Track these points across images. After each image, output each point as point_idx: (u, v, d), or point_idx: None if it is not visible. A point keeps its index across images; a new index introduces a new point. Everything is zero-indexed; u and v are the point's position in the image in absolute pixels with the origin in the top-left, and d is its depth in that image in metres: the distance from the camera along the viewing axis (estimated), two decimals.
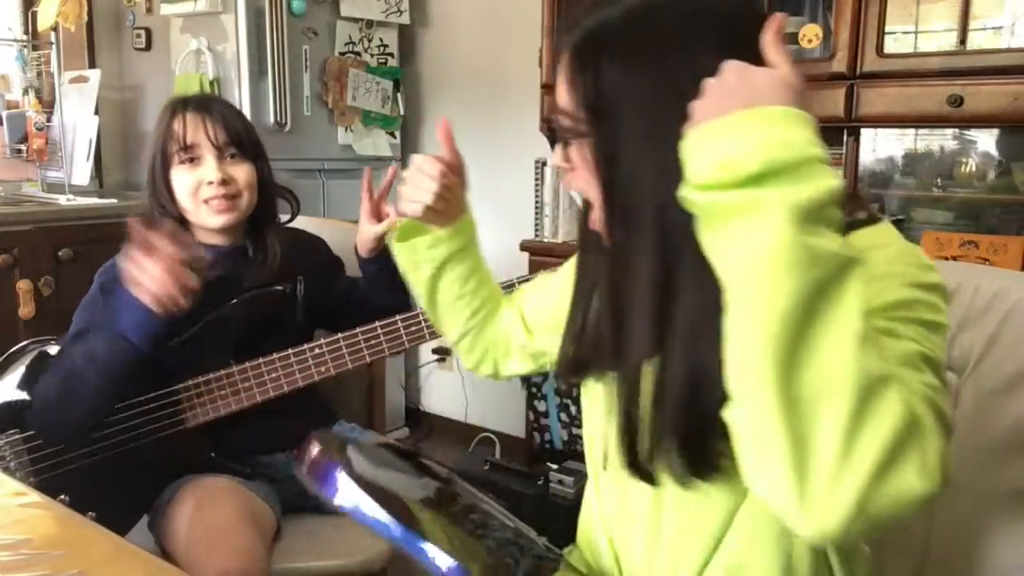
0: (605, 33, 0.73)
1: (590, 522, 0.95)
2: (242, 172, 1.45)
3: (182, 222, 1.46)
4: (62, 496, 1.35)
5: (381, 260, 1.52)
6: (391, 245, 1.10)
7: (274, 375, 1.45)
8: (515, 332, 1.07)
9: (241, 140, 1.46)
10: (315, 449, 0.93)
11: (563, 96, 0.77)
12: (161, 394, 1.41)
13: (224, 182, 1.42)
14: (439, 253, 1.04)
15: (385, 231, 1.50)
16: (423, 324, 1.48)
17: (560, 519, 1.00)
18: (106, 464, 1.37)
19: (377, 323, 1.46)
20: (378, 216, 1.53)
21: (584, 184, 0.78)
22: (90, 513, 1.35)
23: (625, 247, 0.75)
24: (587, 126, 0.75)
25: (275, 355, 1.45)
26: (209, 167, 1.42)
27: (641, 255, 0.73)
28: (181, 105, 1.45)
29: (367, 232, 1.52)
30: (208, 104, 1.47)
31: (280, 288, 1.50)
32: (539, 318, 1.04)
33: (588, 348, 0.86)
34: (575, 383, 0.90)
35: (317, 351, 1.46)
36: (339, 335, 1.47)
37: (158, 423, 1.40)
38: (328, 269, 1.62)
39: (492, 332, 1.09)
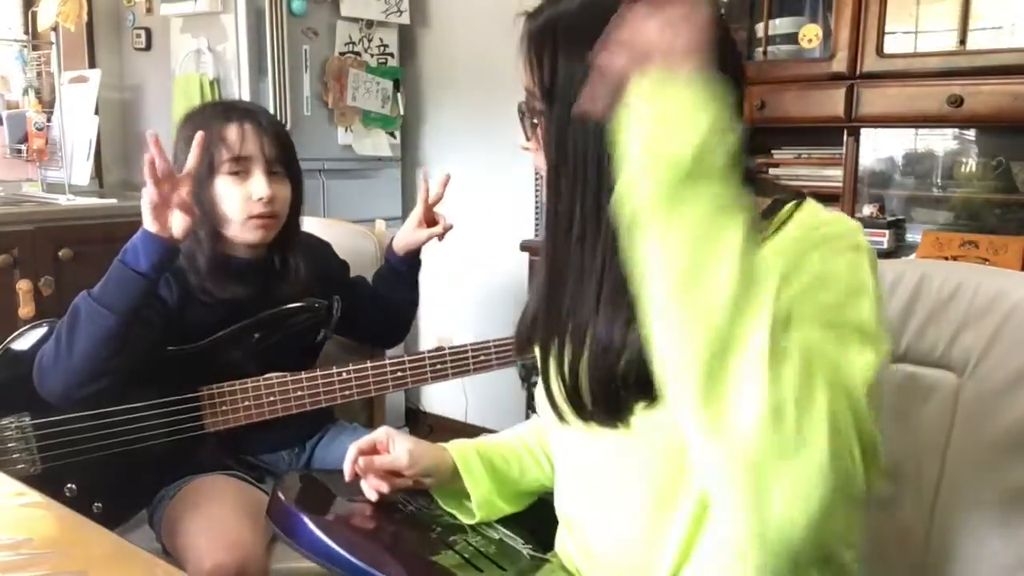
0: (561, 21, 0.80)
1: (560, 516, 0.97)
2: (284, 191, 1.44)
3: (215, 232, 1.43)
4: (69, 485, 1.36)
5: (413, 259, 1.60)
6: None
7: (299, 392, 1.45)
8: None
9: (289, 157, 1.45)
10: (280, 497, 0.94)
11: (525, 77, 0.84)
12: (184, 398, 1.41)
13: (271, 199, 1.40)
14: (480, 494, 1.04)
15: (438, 234, 1.57)
16: (447, 362, 1.52)
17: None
18: (114, 457, 1.37)
19: (405, 356, 1.51)
20: (429, 221, 1.58)
21: (542, 164, 0.84)
22: (96, 504, 1.36)
23: (566, 229, 0.80)
24: (541, 106, 0.81)
25: (303, 373, 1.45)
26: (259, 183, 1.40)
27: (579, 239, 0.79)
28: (235, 112, 1.41)
29: (417, 236, 1.58)
30: (259, 115, 1.44)
31: (319, 305, 1.52)
32: None
33: (528, 322, 0.92)
34: (526, 356, 0.94)
35: (344, 375, 1.47)
36: (367, 363, 1.48)
37: (178, 425, 1.41)
38: (338, 274, 1.63)
39: None
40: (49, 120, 2.82)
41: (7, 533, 0.83)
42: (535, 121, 0.85)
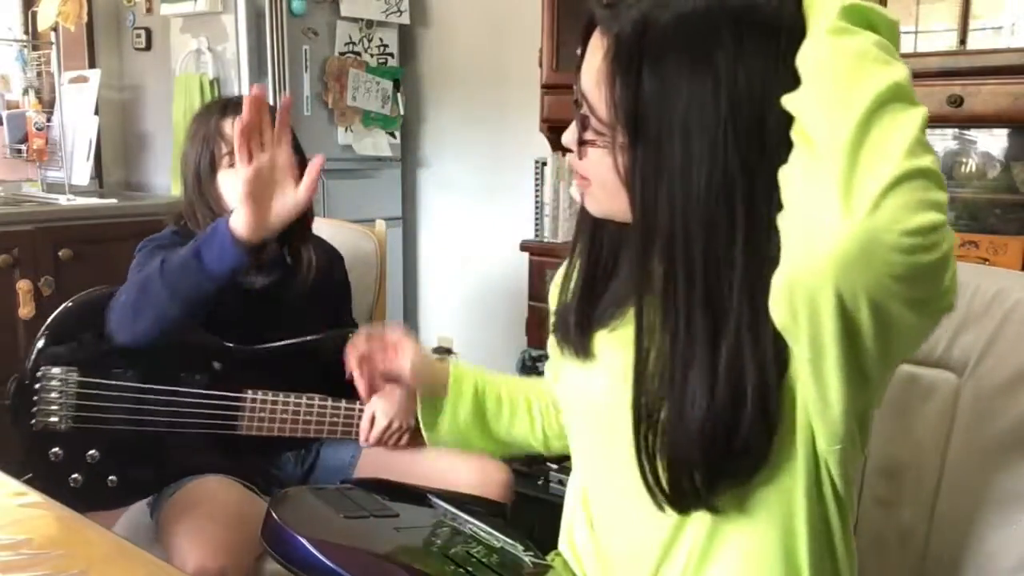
0: (650, 32, 0.70)
1: (572, 513, 0.95)
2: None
3: None
4: (92, 451, 1.38)
5: None
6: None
7: (334, 419, 1.47)
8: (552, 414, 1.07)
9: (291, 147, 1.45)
10: (274, 517, 0.94)
11: (591, 88, 0.74)
12: (227, 395, 1.43)
13: None
14: (449, 422, 1.03)
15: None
16: None
17: (559, 519, 0.99)
18: (143, 436, 1.40)
19: None
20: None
21: (593, 177, 0.78)
22: (111, 478, 1.38)
23: (658, 263, 0.73)
24: (622, 134, 0.72)
25: (343, 402, 1.47)
26: None
27: (679, 278, 0.72)
28: (233, 107, 1.43)
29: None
30: None
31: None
32: None
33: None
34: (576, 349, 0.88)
35: None
36: None
37: (214, 420, 1.42)
38: (337, 288, 1.64)
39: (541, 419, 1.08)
40: (49, 120, 2.82)
41: (7, 533, 0.83)
42: (591, 138, 0.76)
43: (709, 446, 0.72)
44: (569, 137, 0.78)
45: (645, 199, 0.72)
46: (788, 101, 0.65)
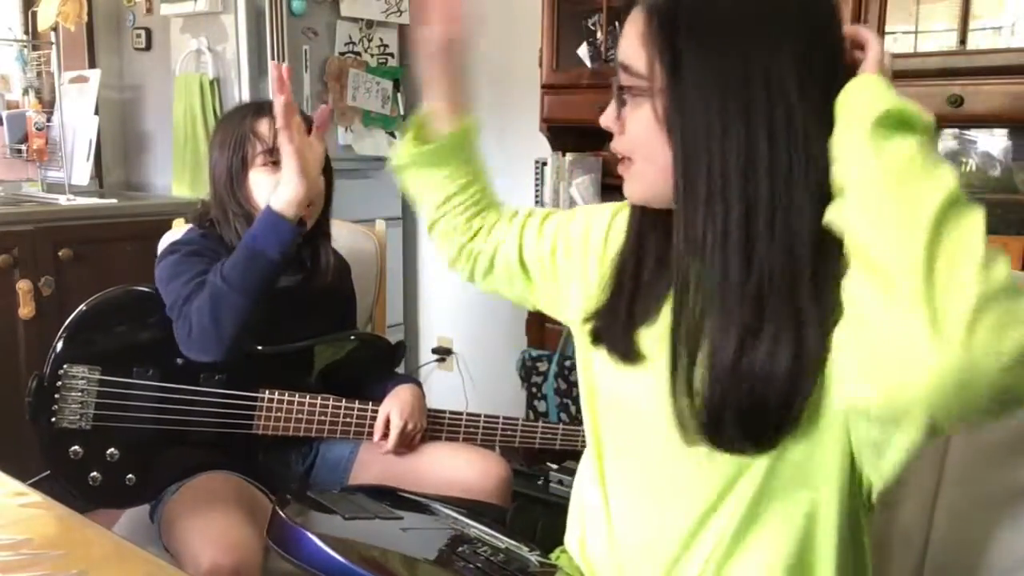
0: (687, 5, 0.73)
1: (583, 508, 0.95)
2: (318, 180, 1.46)
3: (251, 222, 1.45)
4: (111, 450, 1.40)
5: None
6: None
7: (347, 420, 1.48)
8: (507, 249, 1.06)
9: None
10: (281, 515, 0.94)
11: (632, 53, 0.76)
12: (243, 395, 1.44)
13: None
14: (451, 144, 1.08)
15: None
16: (479, 427, 1.54)
17: (560, 519, 0.99)
18: (160, 434, 1.41)
19: (447, 411, 1.54)
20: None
21: (636, 145, 0.78)
22: (129, 476, 1.40)
23: (697, 214, 0.74)
24: (661, 77, 0.74)
25: (356, 403, 1.48)
26: None
27: (716, 226, 0.72)
28: (266, 107, 1.46)
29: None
30: None
31: (395, 343, 1.61)
32: (535, 264, 1.04)
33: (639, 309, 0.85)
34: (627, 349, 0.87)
35: None
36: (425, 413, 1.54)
37: (230, 419, 1.44)
38: (351, 296, 1.67)
39: (478, 238, 1.10)
40: (49, 120, 2.82)
41: (7, 533, 0.83)
42: (630, 96, 0.78)
43: (737, 396, 0.73)
44: (609, 116, 0.80)
45: (685, 137, 0.73)
46: (836, 216, 0.66)
